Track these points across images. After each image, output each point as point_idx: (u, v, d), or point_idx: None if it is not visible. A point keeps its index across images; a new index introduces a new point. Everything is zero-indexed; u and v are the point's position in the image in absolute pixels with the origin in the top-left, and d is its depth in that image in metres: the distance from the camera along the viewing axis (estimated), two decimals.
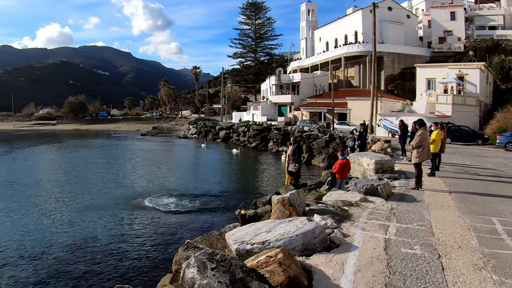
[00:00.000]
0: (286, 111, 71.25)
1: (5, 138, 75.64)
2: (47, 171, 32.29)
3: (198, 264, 4.74)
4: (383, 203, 9.90)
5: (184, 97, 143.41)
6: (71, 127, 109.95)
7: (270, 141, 48.70)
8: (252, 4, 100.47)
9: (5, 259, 12.25)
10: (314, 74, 72.58)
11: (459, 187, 12.48)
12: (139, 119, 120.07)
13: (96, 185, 24.74)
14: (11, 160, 39.24)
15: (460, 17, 64.62)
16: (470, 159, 21.10)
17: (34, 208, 18.74)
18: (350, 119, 53.20)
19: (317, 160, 34.36)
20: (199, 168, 34.70)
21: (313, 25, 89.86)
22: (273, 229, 6.51)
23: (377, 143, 24.01)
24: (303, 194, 9.12)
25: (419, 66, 52.07)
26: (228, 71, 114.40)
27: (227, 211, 17.79)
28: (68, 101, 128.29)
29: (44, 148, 52.74)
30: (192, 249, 8.01)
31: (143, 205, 19.02)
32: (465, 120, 38.40)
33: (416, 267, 5.60)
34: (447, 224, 8.03)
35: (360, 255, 6.06)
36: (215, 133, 64.67)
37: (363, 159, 16.23)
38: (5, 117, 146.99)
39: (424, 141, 11.94)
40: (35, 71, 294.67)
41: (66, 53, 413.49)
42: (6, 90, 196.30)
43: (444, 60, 58.33)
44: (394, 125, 37.87)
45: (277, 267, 5.02)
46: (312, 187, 18.65)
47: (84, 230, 15.12)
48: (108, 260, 12.03)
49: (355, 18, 72.53)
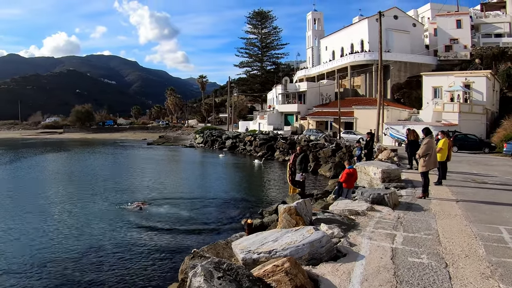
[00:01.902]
0: (293, 120, 71.33)
1: (12, 146, 75.98)
2: (54, 179, 32.39)
3: (205, 273, 4.75)
4: (390, 212, 9.87)
5: (190, 106, 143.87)
6: (78, 135, 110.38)
7: (277, 150, 48.61)
8: (259, 13, 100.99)
9: (12, 266, 12.31)
10: (321, 83, 72.73)
11: (466, 195, 12.42)
12: (146, 128, 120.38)
13: (102, 193, 24.78)
14: (18, 168, 39.38)
15: (466, 25, 64.62)
16: (477, 167, 21.00)
17: (41, 216, 18.78)
18: (357, 128, 53.24)
19: (323, 169, 34.29)
20: (207, 177, 34.66)
21: (319, 34, 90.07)
22: (279, 238, 6.51)
23: (384, 152, 23.96)
24: (309, 203, 9.12)
25: (425, 74, 52.08)
26: (235, 80, 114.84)
27: (234, 220, 17.78)
28: (75, 110, 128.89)
29: (50, 157, 52.97)
30: (198, 258, 8.06)
31: (149, 214, 19.03)
32: (472, 128, 38.27)
33: (423, 276, 5.59)
34: (454, 233, 8.00)
35: (367, 264, 6.05)
36: (222, 142, 64.59)
37: (369, 168, 16.21)
38: (12, 125, 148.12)
39: (430, 150, 11.91)
40: (42, 80, 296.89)
41: (73, 62, 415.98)
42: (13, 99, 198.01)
43: (450, 68, 58.29)
44: (400, 133, 37.78)
45: (283, 276, 5.02)
46: (319, 196, 18.60)
47: (90, 238, 15.17)
48: (114, 269, 12.05)
49: (361, 27, 72.67)
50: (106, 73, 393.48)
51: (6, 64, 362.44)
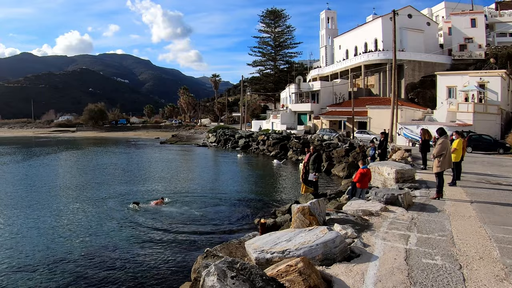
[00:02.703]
0: (306, 119, 71.17)
1: (25, 144, 76.83)
2: (67, 177, 32.70)
3: (218, 272, 4.77)
4: (404, 212, 9.84)
5: (203, 105, 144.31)
6: (91, 134, 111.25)
7: (290, 150, 48.51)
8: (272, 12, 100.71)
9: (24, 265, 12.44)
10: (334, 83, 72.46)
11: (481, 197, 12.33)
12: (159, 127, 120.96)
13: (115, 192, 24.96)
14: (31, 166, 39.76)
15: (481, 24, 63.95)
16: (491, 168, 20.79)
17: (53, 214, 19.02)
18: (370, 127, 52.98)
19: (336, 169, 34.15)
20: (220, 176, 34.71)
21: (333, 33, 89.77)
22: (293, 238, 6.52)
23: (398, 152, 23.85)
24: (323, 203, 9.11)
25: (439, 74, 51.63)
26: (248, 79, 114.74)
27: (247, 220, 17.80)
28: (88, 109, 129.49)
29: (64, 155, 53.44)
30: (211, 258, 8.08)
31: (162, 212, 19.16)
32: (486, 128, 37.89)
33: (437, 278, 5.57)
34: (468, 235, 7.96)
35: (381, 265, 6.04)
36: (235, 142, 64.62)
37: (383, 168, 16.15)
38: (25, 123, 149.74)
39: (445, 150, 11.83)
40: (54, 78, 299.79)
41: (86, 61, 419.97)
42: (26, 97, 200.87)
43: (464, 67, 57.78)
44: (414, 133, 37.52)
45: (297, 276, 5.03)
46: (332, 196, 18.55)
47: (103, 237, 15.29)
48: (126, 267, 12.13)
49: (375, 26, 72.27)
50: (119, 72, 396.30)
51: (19, 62, 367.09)
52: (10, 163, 42.23)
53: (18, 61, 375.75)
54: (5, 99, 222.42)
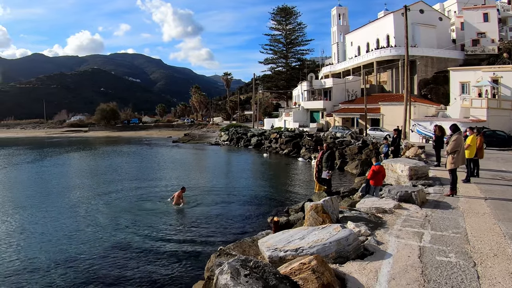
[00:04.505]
0: (318, 117, 70.97)
1: (38, 144, 77.26)
2: (80, 176, 32.84)
3: (232, 270, 4.80)
4: (418, 210, 9.81)
5: (215, 104, 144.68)
6: (103, 134, 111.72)
7: (302, 148, 48.26)
8: (283, 9, 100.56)
9: (37, 263, 12.56)
10: (346, 79, 72.06)
11: (495, 193, 12.24)
12: (171, 126, 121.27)
13: (129, 190, 25.07)
14: (44, 166, 40.03)
15: (493, 19, 63.29)
16: (506, 165, 20.57)
17: (67, 213, 19.19)
18: (383, 124, 52.66)
19: (350, 166, 34.05)
20: (231, 174, 34.78)
21: (344, 30, 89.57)
22: (306, 236, 6.54)
23: (411, 149, 23.74)
24: (336, 201, 9.12)
25: (452, 69, 51.30)
26: (259, 77, 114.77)
27: (259, 218, 17.81)
28: (100, 108, 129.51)
29: (76, 155, 53.91)
30: (224, 256, 8.12)
31: (175, 211, 19.26)
32: (500, 124, 37.45)
33: (451, 275, 5.56)
34: (483, 232, 7.92)
35: (394, 263, 6.04)
36: (247, 140, 64.58)
37: (397, 166, 16.08)
38: (38, 124, 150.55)
39: (459, 147, 11.76)
40: (66, 79, 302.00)
41: (97, 61, 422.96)
42: (38, 98, 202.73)
43: (477, 63, 57.37)
44: (428, 130, 37.26)
45: (310, 274, 5.04)
46: (345, 194, 18.52)
47: (116, 235, 15.40)
48: (140, 266, 12.21)
49: (387, 22, 71.93)
50: (130, 71, 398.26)
51: (31, 63, 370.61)
52: (23, 164, 42.56)
53: (29, 62, 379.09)
54: (17, 100, 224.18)
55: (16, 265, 12.42)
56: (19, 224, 17.31)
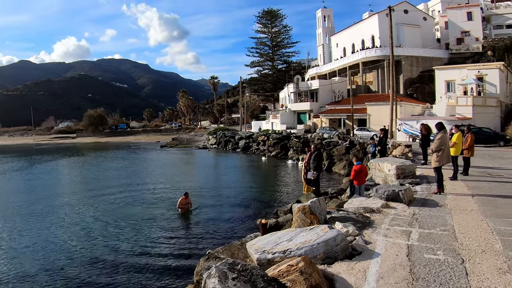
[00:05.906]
0: (305, 118, 71.24)
1: (26, 152, 76.61)
2: (69, 183, 32.70)
3: (219, 274, 4.76)
4: (405, 208, 9.82)
5: (203, 108, 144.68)
6: (91, 140, 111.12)
7: (290, 149, 48.34)
8: (268, 12, 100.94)
9: (27, 270, 12.47)
10: (332, 81, 72.51)
11: (482, 190, 12.31)
12: (159, 130, 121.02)
13: (117, 197, 24.86)
14: (33, 173, 39.71)
15: (477, 17, 64.08)
16: (492, 161, 20.75)
17: (56, 219, 19.09)
18: (370, 124, 52.95)
19: (337, 167, 34.20)
20: (220, 177, 34.75)
21: (330, 31, 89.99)
22: (294, 238, 6.51)
23: (398, 148, 23.82)
24: (324, 202, 9.11)
25: (437, 68, 51.77)
26: (246, 80, 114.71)
27: (248, 221, 17.80)
28: (87, 114, 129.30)
29: (65, 162, 53.40)
30: (213, 260, 8.06)
31: (163, 215, 19.17)
32: (486, 121, 37.86)
33: (440, 273, 5.55)
34: (470, 228, 7.94)
35: (383, 262, 6.02)
36: (235, 143, 64.35)
37: (384, 165, 16.11)
38: (25, 131, 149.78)
39: (443, 145, 11.81)
40: (53, 85, 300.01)
41: (84, 67, 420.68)
42: (26, 105, 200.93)
43: (462, 61, 57.86)
44: (414, 129, 37.50)
45: (298, 276, 5.01)
46: (333, 194, 18.58)
47: (105, 241, 15.34)
48: (129, 271, 12.16)
49: (372, 23, 72.47)
50: (117, 76, 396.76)
51: (18, 70, 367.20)
52: (11, 172, 42.13)
53: (16, 69, 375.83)
54: (4, 107, 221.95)
55: (2, 274, 12.28)
56: (7, 233, 17.08)
